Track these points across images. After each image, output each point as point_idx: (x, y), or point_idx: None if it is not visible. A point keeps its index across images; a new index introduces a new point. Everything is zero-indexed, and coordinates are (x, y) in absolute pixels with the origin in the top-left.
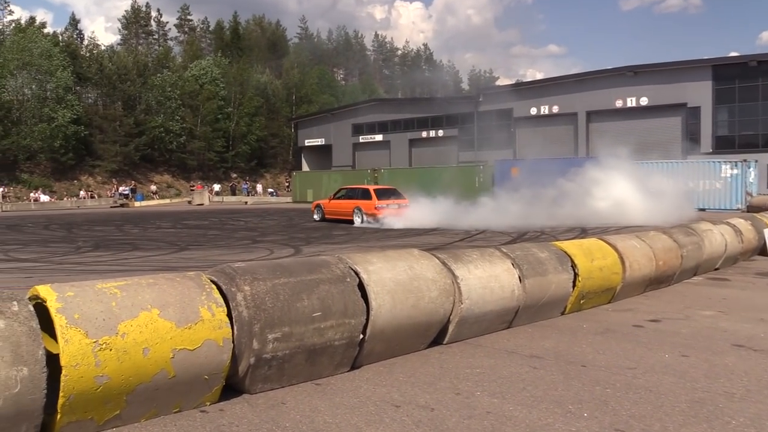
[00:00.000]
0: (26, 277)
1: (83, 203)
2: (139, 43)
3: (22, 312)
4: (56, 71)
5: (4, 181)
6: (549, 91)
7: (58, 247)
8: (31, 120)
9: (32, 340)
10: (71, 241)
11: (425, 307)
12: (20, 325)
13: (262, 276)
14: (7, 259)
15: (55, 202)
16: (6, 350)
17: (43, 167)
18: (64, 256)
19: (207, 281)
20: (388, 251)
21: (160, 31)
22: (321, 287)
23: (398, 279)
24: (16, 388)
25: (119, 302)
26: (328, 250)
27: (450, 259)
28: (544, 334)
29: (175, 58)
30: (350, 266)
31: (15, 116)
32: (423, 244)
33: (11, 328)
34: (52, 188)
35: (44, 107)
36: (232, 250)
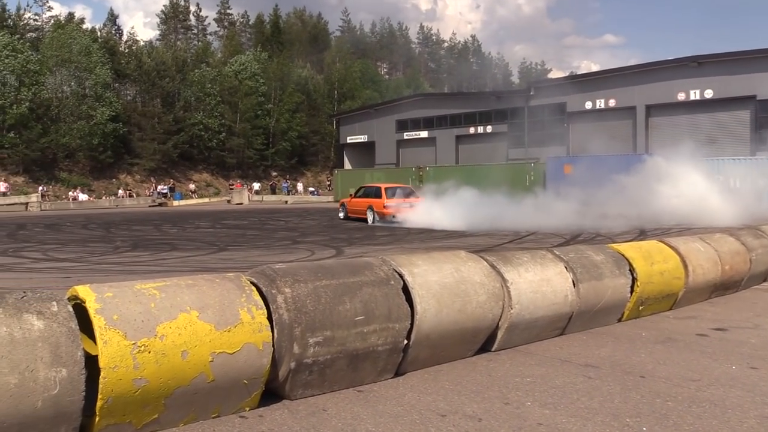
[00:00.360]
0: (65, 277)
1: (122, 202)
2: (178, 38)
3: (62, 312)
4: (95, 68)
5: (44, 180)
6: (605, 84)
7: (96, 246)
8: (69, 118)
9: (71, 341)
10: (110, 241)
11: (473, 311)
12: (59, 326)
13: (303, 278)
14: (46, 259)
15: (93, 201)
16: (45, 351)
17: (81, 166)
18: (103, 256)
19: (247, 283)
20: (433, 253)
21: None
22: (364, 290)
23: (444, 282)
24: (55, 389)
25: (158, 303)
26: (371, 252)
27: (499, 261)
28: (600, 342)
29: (215, 53)
30: (394, 268)
31: (54, 114)
32: (470, 245)
33: (50, 328)
34: (91, 187)
35: (83, 105)
36: (272, 250)
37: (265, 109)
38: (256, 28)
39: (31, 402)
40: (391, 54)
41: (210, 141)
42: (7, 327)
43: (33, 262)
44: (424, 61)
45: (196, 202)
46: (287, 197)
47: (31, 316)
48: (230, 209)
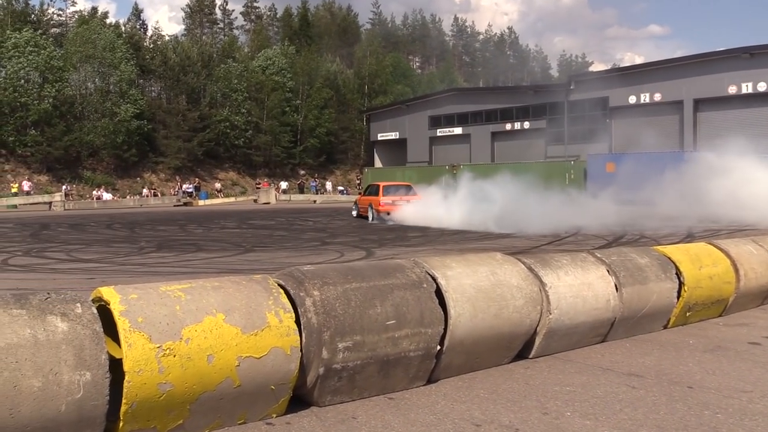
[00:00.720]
0: (88, 278)
1: (146, 201)
2: (204, 33)
3: (86, 314)
4: (120, 64)
5: (67, 178)
6: (650, 77)
7: (120, 247)
8: (93, 115)
9: (95, 344)
10: (134, 241)
11: (509, 316)
12: (84, 328)
13: (333, 280)
14: (70, 260)
15: (117, 201)
16: (69, 354)
17: (105, 164)
18: (127, 257)
19: (274, 285)
20: (468, 255)
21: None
22: (395, 293)
23: (479, 285)
24: (79, 393)
25: (183, 306)
26: (402, 253)
27: (537, 264)
28: (644, 349)
29: (241, 47)
30: (427, 271)
31: (77, 111)
32: (506, 247)
33: (75, 330)
34: (115, 186)
35: (107, 102)
36: (300, 252)
37: (292, 105)
38: (283, 22)
39: (55, 406)
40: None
41: (236, 139)
42: (31, 329)
43: (56, 263)
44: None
45: (222, 201)
46: (315, 196)
47: (55, 317)
48: (257, 209)
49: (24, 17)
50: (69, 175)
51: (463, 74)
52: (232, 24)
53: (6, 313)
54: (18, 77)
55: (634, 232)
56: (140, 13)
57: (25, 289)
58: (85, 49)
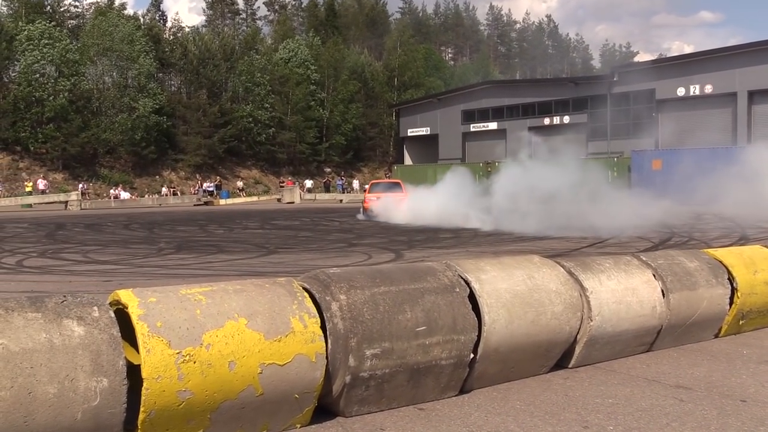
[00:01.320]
0: (105, 281)
1: (165, 201)
2: (225, 24)
3: (103, 318)
4: (138, 57)
5: (84, 176)
6: (701, 68)
7: (138, 248)
8: (111, 110)
9: (113, 349)
10: (152, 242)
11: (547, 323)
12: (101, 333)
13: (360, 284)
14: (87, 261)
15: (135, 200)
16: (86, 359)
17: (123, 162)
18: (145, 259)
19: (299, 288)
20: (503, 258)
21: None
22: (426, 298)
23: (515, 290)
24: (96, 400)
25: (204, 310)
26: (433, 256)
27: (577, 267)
28: (693, 360)
29: (264, 39)
30: (459, 274)
31: (94, 107)
32: (545, 249)
33: (91, 335)
34: (133, 184)
35: (125, 96)
36: (326, 254)
37: (318, 99)
38: (309, 12)
39: (71, 413)
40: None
41: (259, 135)
42: (47, 333)
43: (73, 265)
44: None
45: (244, 200)
46: (342, 196)
47: (71, 321)
48: (280, 208)
49: (39, 8)
50: (85, 173)
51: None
52: (255, 14)
53: (21, 316)
54: (32, 71)
55: (682, 233)
56: (159, 4)
57: (40, 291)
58: (103, 42)
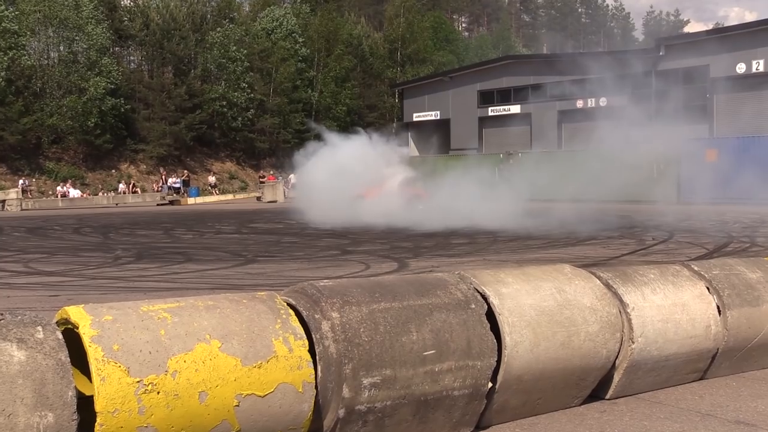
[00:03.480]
0: (52, 296)
1: (123, 199)
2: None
3: (49, 340)
4: (86, 26)
5: (26, 171)
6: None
7: (91, 256)
8: (57, 91)
9: (60, 378)
10: (108, 250)
11: (580, 346)
12: (46, 358)
13: (356, 299)
14: (29, 272)
15: (87, 198)
16: (27, 389)
17: (72, 153)
18: (99, 269)
19: (283, 305)
20: (527, 267)
21: None
22: (435, 316)
23: (542, 306)
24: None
25: (170, 330)
26: (444, 265)
27: (616, 279)
28: (757, 390)
29: (241, 6)
30: (476, 288)
31: (37, 87)
32: (577, 257)
33: (34, 361)
34: (84, 180)
35: (73, 74)
36: (315, 263)
37: (306, 77)
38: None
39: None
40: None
41: (235, 120)
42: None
43: (11, 276)
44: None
45: (218, 199)
46: None
47: (9, 344)
48: (261, 208)
49: None
50: (27, 166)
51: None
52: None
53: None
54: None
55: (742, 237)
56: None
57: None
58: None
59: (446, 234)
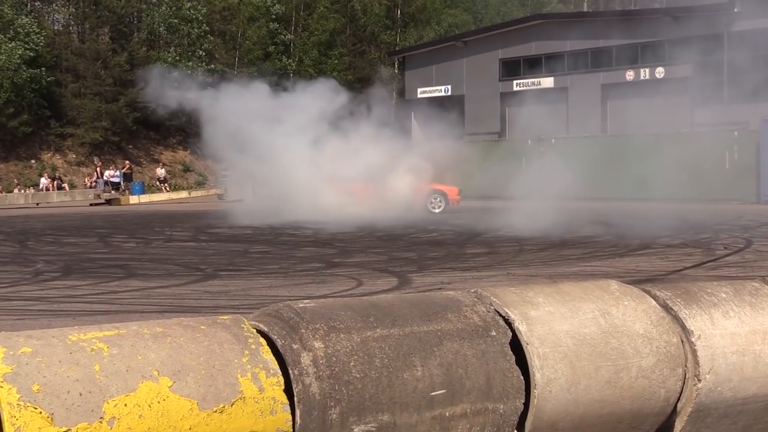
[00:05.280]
0: None
1: (45, 198)
2: None
3: None
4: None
5: None
6: None
7: (3, 271)
8: None
9: None
10: (26, 262)
11: (631, 384)
12: None
13: (346, 324)
14: None
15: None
16: None
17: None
18: (15, 287)
19: (252, 332)
20: (563, 284)
21: None
22: (446, 346)
23: (582, 334)
24: None
25: (106, 365)
26: (457, 281)
27: (677, 299)
28: None
29: None
30: (497, 310)
31: None
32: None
33: None
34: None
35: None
36: (292, 279)
37: (280, 43)
38: None
39: None
40: None
41: None
42: None
43: None
44: None
45: (168, 197)
46: None
47: None
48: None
49: None
50: None
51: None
52: None
53: None
54: None
55: None
56: None
57: None
58: None
59: (459, 241)
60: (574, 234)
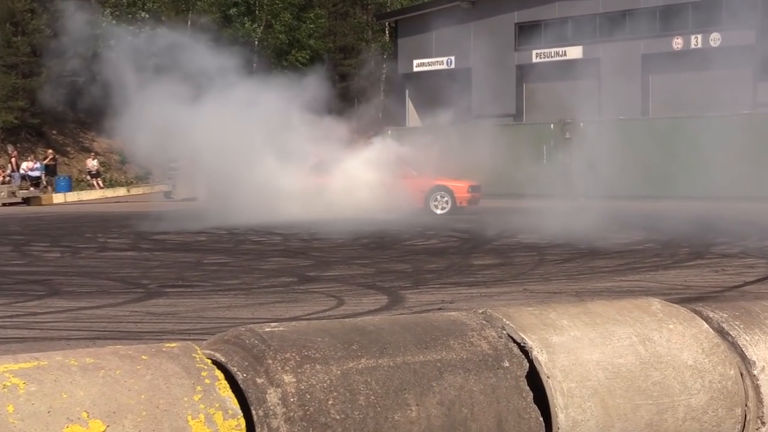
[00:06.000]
0: None
1: None
2: None
3: None
4: None
5: None
6: None
7: None
8: None
9: None
10: None
11: (678, 428)
12: None
13: (323, 353)
14: None
15: None
16: None
17: None
18: None
19: (206, 363)
20: (592, 303)
21: None
22: (447, 380)
23: (617, 365)
24: None
25: (23, 405)
26: (462, 299)
27: (735, 322)
28: None
29: None
30: (510, 335)
31: None
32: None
33: None
34: None
35: None
36: (257, 297)
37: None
38: None
39: None
40: None
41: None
42: None
43: None
44: None
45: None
46: None
47: None
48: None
49: None
50: None
51: None
52: None
53: None
54: None
55: None
56: None
57: None
58: None
59: (464, 249)
60: (606, 241)
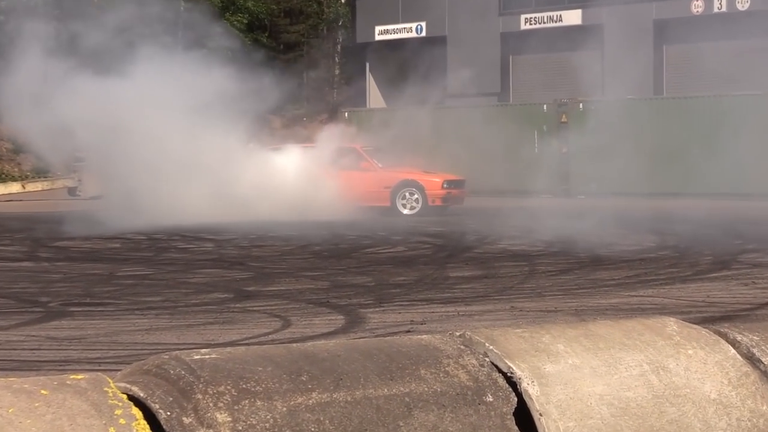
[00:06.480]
0: None
1: None
2: None
3: None
4: None
5: None
6: None
7: None
8: None
9: None
10: None
11: None
12: None
13: (265, 386)
14: None
15: None
16: None
17: None
18: None
19: (120, 399)
20: (594, 324)
21: None
22: (417, 418)
23: (624, 399)
24: None
25: None
26: (435, 319)
27: (765, 346)
28: None
29: None
30: (493, 363)
31: None
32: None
33: None
34: None
35: None
36: (184, 317)
37: None
38: None
39: None
40: None
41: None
42: None
43: None
44: None
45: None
46: None
47: None
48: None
49: None
50: None
51: None
52: None
53: None
54: None
55: None
56: None
57: None
58: None
59: (438, 258)
60: (611, 247)
